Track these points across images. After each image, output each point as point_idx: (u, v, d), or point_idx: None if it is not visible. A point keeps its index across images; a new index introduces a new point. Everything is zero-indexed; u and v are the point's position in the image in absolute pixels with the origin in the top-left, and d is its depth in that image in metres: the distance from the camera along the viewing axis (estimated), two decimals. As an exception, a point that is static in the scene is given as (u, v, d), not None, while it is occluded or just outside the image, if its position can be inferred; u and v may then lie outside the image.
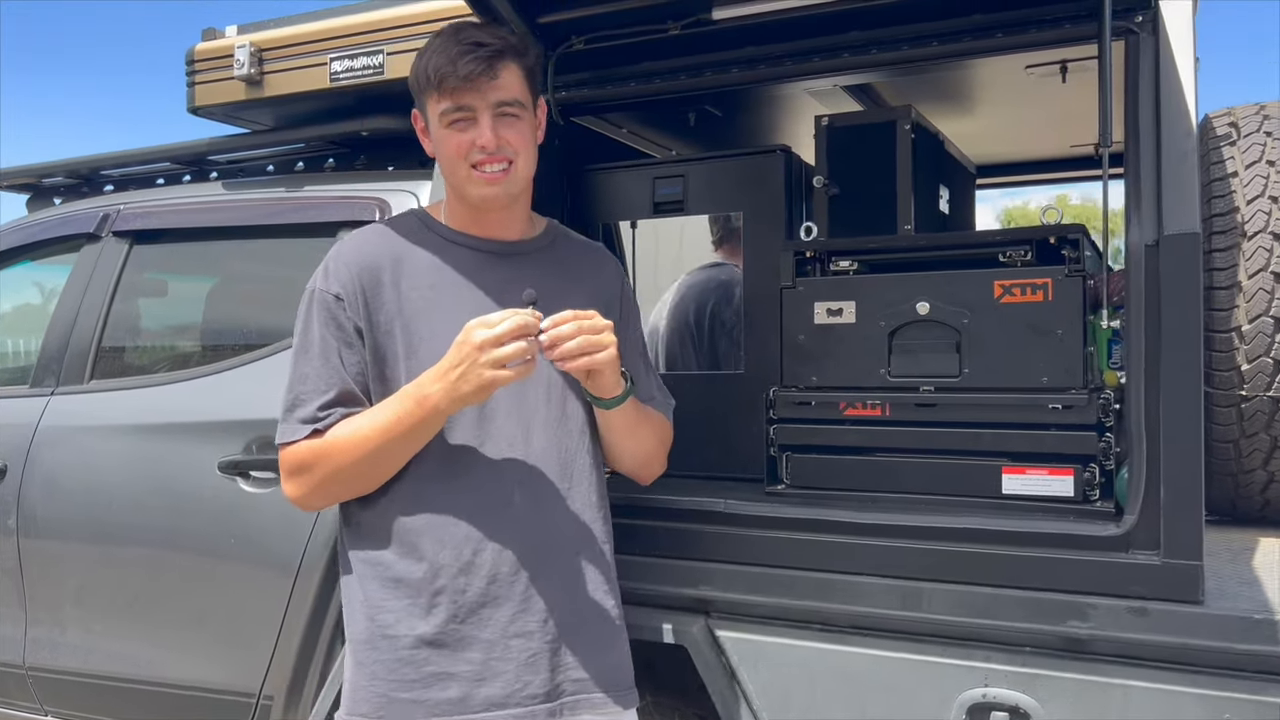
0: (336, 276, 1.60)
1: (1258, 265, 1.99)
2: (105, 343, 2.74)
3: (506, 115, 1.59)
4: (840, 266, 1.96)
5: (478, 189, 1.60)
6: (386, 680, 1.55)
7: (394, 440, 1.52)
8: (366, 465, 1.54)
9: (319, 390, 1.57)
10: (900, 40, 1.94)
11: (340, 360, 1.58)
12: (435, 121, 1.60)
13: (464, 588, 1.56)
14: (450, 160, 1.61)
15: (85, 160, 3.13)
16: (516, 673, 1.56)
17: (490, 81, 1.56)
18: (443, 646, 1.55)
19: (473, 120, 1.57)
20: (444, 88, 1.55)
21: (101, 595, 2.58)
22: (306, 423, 1.56)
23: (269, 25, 2.66)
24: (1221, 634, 1.53)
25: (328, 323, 1.59)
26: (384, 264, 1.61)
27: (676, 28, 2.03)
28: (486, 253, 1.67)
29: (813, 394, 1.95)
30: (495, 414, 1.60)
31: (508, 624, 1.56)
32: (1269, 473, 2.09)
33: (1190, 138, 1.64)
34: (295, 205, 2.61)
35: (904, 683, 1.70)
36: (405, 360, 1.58)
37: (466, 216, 1.68)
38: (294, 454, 1.58)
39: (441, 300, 1.61)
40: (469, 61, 1.53)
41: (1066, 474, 1.75)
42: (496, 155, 1.58)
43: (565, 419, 1.65)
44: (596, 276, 1.77)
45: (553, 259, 1.73)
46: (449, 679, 1.54)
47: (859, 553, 1.76)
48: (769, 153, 2.20)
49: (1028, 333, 1.77)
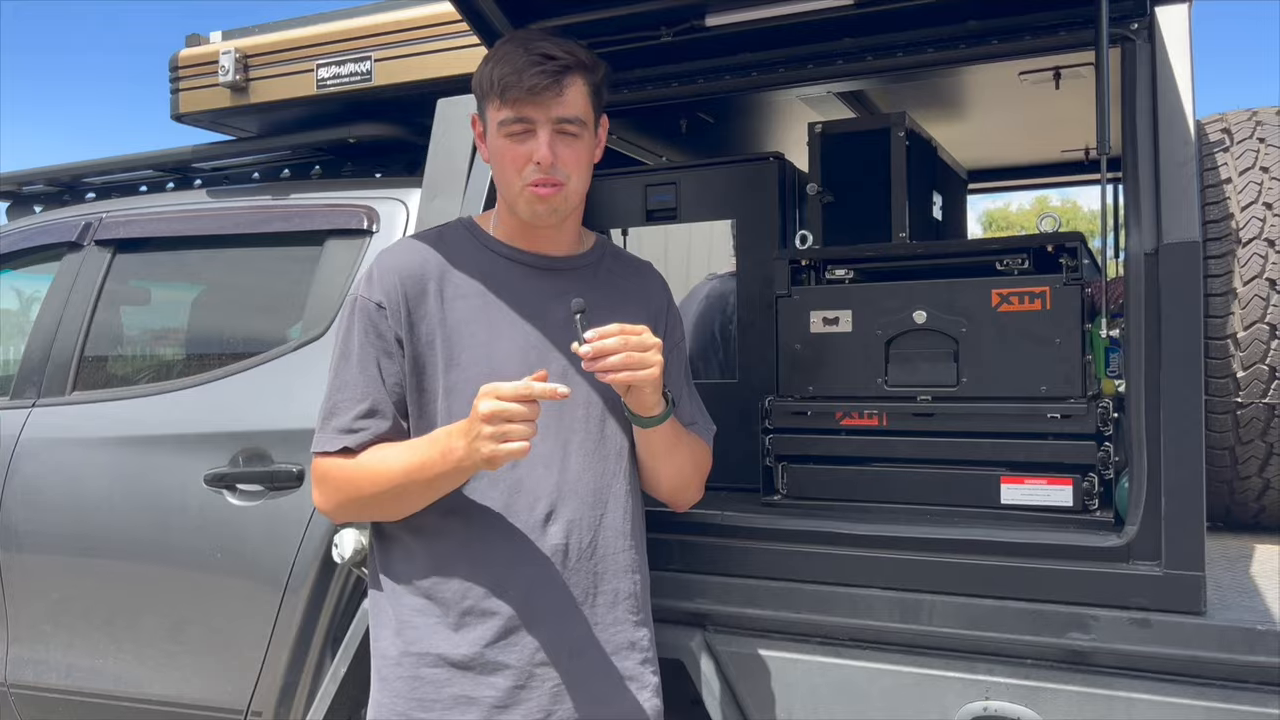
0: (380, 284, 1.57)
1: (1253, 272, 1.98)
2: (88, 353, 2.70)
3: (566, 133, 1.54)
4: (836, 275, 1.94)
5: (528, 206, 1.57)
6: (408, 699, 1.52)
7: (417, 484, 1.49)
8: (389, 499, 1.52)
9: (355, 399, 1.55)
10: (895, 47, 1.93)
11: (379, 370, 1.55)
12: (494, 130, 1.56)
13: (494, 610, 1.52)
14: (504, 172, 1.57)
15: (67, 168, 3.09)
16: (539, 702, 1.52)
17: (555, 97, 1.52)
18: (468, 669, 1.51)
19: (531, 133, 1.53)
20: (507, 97, 1.51)
21: (85, 611, 2.54)
22: (342, 433, 1.54)
23: (254, 31, 2.63)
24: (1225, 645, 1.51)
25: (368, 331, 1.56)
26: (429, 273, 1.58)
27: (669, 35, 2.01)
28: (533, 267, 1.63)
29: (809, 404, 1.94)
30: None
31: (535, 651, 1.53)
32: (1264, 479, 2.08)
33: (1189, 145, 1.63)
34: (281, 213, 2.58)
35: (905, 696, 1.68)
36: (445, 373, 1.55)
37: (515, 229, 1.64)
38: (325, 466, 1.57)
39: (485, 313, 1.58)
40: (535, 74, 1.49)
41: (1065, 484, 1.74)
42: (551, 174, 1.53)
43: (603, 442, 1.61)
44: (643, 295, 1.74)
45: (600, 276, 1.70)
46: (470, 703, 1.51)
47: (857, 565, 1.74)
48: (762, 160, 2.18)
49: (1026, 341, 1.76)
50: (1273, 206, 2.00)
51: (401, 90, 2.40)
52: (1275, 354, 1.96)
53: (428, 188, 2.23)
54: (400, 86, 2.41)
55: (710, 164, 2.29)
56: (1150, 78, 1.69)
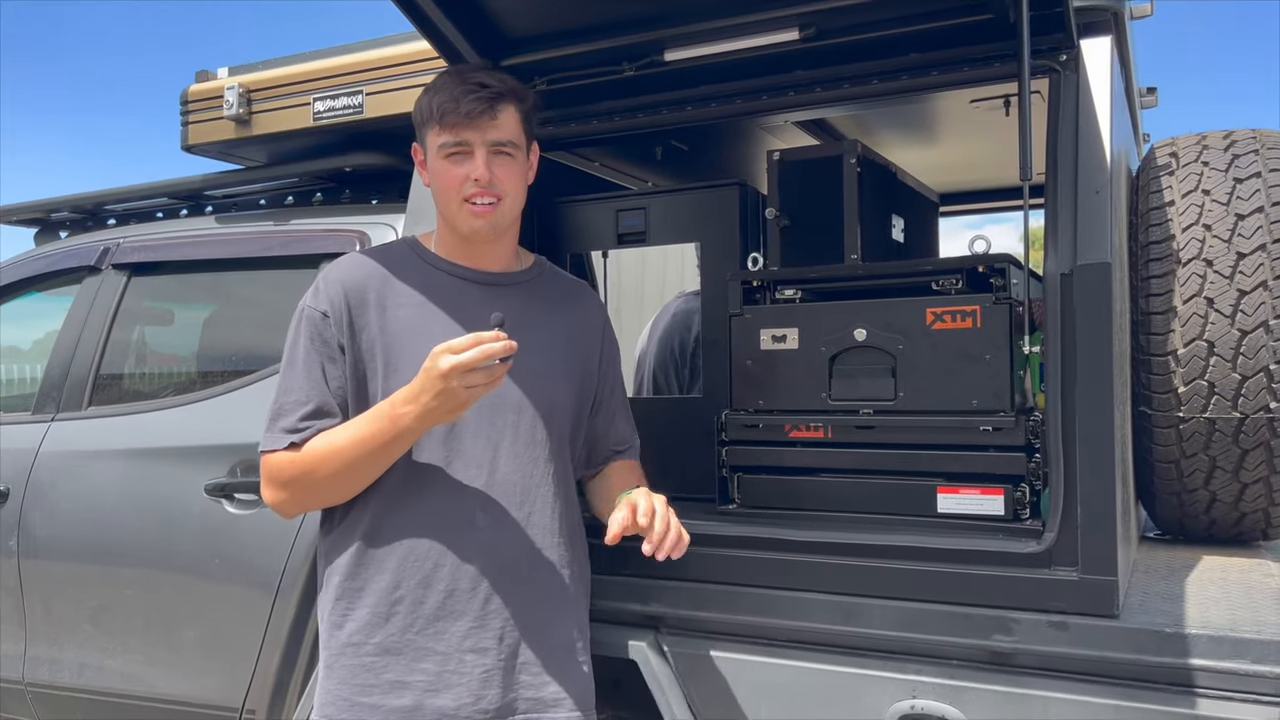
0: (325, 295, 1.71)
1: (1191, 291, 2.05)
2: (104, 370, 2.87)
3: (501, 154, 1.70)
4: (785, 295, 2.05)
5: (467, 221, 1.71)
6: (350, 685, 1.65)
7: (365, 455, 1.61)
8: (339, 477, 1.64)
9: (300, 402, 1.67)
10: (842, 79, 2.03)
11: (323, 374, 1.68)
12: (434, 154, 1.71)
13: (422, 599, 1.65)
14: (444, 191, 1.71)
15: (89, 196, 3.27)
16: (469, 687, 1.64)
17: (490, 121, 1.67)
18: (399, 654, 1.64)
19: (469, 155, 1.68)
20: (445, 122, 1.66)
21: (95, 613, 2.69)
22: (287, 432, 1.66)
23: (258, 67, 2.79)
24: (1136, 647, 1.59)
25: (313, 338, 1.69)
26: (371, 285, 1.71)
27: (632, 69, 2.13)
28: (471, 281, 1.77)
29: (760, 417, 2.04)
30: (464, 435, 1.68)
31: (462, 638, 1.65)
32: (1210, 492, 2.14)
33: (1104, 172, 1.72)
34: (282, 238, 2.73)
35: (840, 694, 1.77)
36: (384, 379, 1.67)
37: (455, 246, 1.77)
38: (274, 462, 1.68)
39: (424, 323, 1.70)
40: (471, 100, 1.65)
41: (997, 494, 1.82)
42: (488, 190, 1.68)
43: (533, 445, 1.73)
44: (579, 313, 1.87)
45: (536, 292, 1.83)
46: (404, 687, 1.63)
47: (800, 569, 1.83)
48: (725, 187, 2.29)
49: (958, 358, 1.85)
50: (1212, 228, 2.07)
51: (391, 122, 2.54)
52: (1213, 370, 2.03)
53: (411, 213, 2.37)
54: (389, 118, 2.54)
55: (677, 190, 2.41)
56: (1074, 108, 1.78)
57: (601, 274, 2.56)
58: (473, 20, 2.08)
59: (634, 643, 1.92)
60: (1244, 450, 2.05)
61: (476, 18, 2.07)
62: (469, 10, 2.05)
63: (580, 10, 2.07)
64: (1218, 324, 2.02)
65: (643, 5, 2.01)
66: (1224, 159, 2.13)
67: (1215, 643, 1.54)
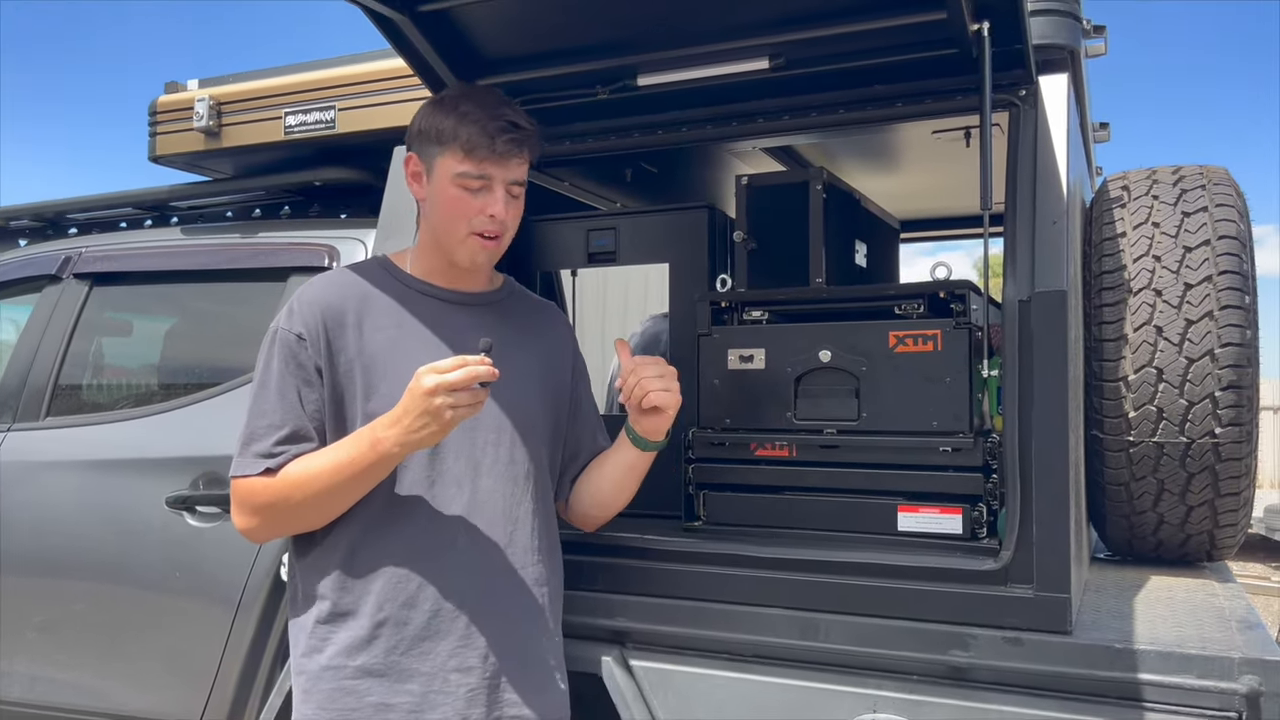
0: (301, 316, 1.67)
1: (1142, 319, 2.13)
2: (62, 381, 2.83)
3: (512, 194, 1.71)
4: (753, 316, 2.09)
5: (471, 254, 1.70)
6: (330, 710, 1.61)
7: (345, 480, 1.58)
8: (317, 503, 1.61)
9: (275, 426, 1.63)
10: (810, 108, 2.09)
11: (298, 398, 1.64)
12: (445, 177, 1.67)
13: (406, 620, 1.62)
14: (451, 219, 1.69)
15: (50, 204, 3.25)
16: (454, 706, 1.62)
17: (516, 161, 1.68)
18: (383, 676, 1.61)
19: (487, 189, 1.67)
20: (474, 155, 1.64)
21: (50, 626, 2.65)
22: (261, 457, 1.63)
23: (228, 80, 2.80)
24: (1088, 662, 1.64)
25: (288, 361, 1.65)
26: (349, 307, 1.69)
27: (605, 93, 2.17)
28: (448, 301, 1.76)
29: (727, 435, 2.07)
30: (445, 455, 1.67)
31: (447, 658, 1.63)
32: (1158, 514, 2.22)
33: (1061, 203, 1.79)
34: (249, 251, 2.73)
35: (802, 708, 1.80)
36: (363, 402, 1.65)
37: (435, 268, 1.76)
38: (246, 487, 1.64)
39: (402, 344, 1.68)
40: (507, 141, 1.64)
41: (956, 513, 1.87)
42: (499, 227, 1.69)
43: (513, 464, 1.73)
44: (550, 332, 1.89)
45: (508, 313, 1.84)
46: (388, 709, 1.60)
47: (764, 586, 1.86)
48: (694, 209, 2.34)
49: (919, 380, 1.90)
50: (1161, 259, 2.15)
51: (363, 137, 2.56)
52: (1162, 395, 2.11)
53: (383, 228, 2.38)
54: (361, 134, 2.57)
55: (647, 211, 2.45)
56: (1032, 141, 1.85)
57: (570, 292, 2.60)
58: (449, 40, 2.11)
59: (599, 657, 1.94)
60: (1190, 474, 2.13)
61: (452, 37, 2.11)
62: (445, 29, 2.08)
63: (555, 34, 2.11)
64: (1166, 351, 2.09)
65: (617, 31, 2.05)
66: (1173, 193, 2.22)
67: (1163, 658, 1.60)
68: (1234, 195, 2.22)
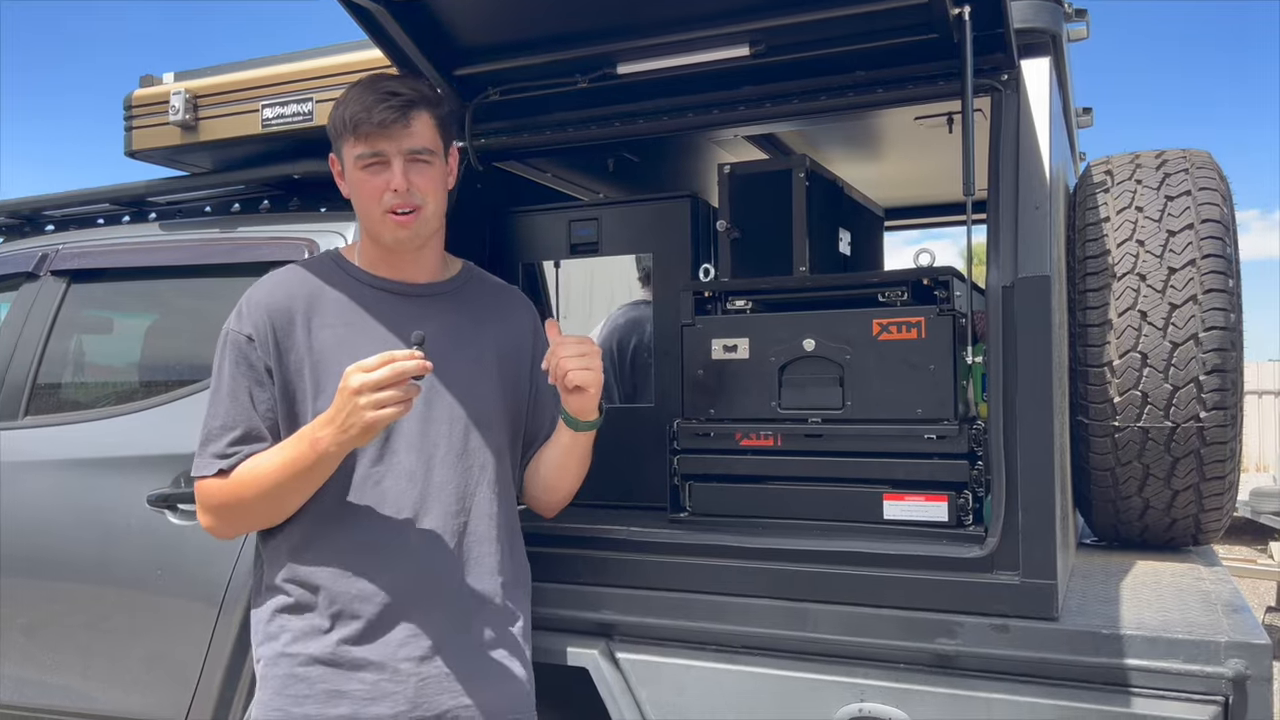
0: (249, 318, 1.70)
1: (1126, 304, 2.13)
2: (41, 380, 2.80)
3: (418, 162, 1.69)
4: (736, 306, 2.08)
5: (391, 233, 1.71)
6: (284, 696, 1.64)
7: (290, 480, 1.61)
8: (268, 501, 1.64)
9: (228, 427, 1.67)
10: (790, 95, 2.07)
11: (250, 399, 1.67)
12: (351, 165, 1.71)
13: (357, 612, 1.65)
14: (364, 203, 1.71)
15: (27, 201, 3.19)
16: (406, 695, 1.65)
17: (404, 129, 1.67)
18: (336, 666, 1.64)
19: (386, 165, 1.68)
20: (359, 133, 1.66)
21: (33, 627, 2.62)
22: (216, 458, 1.67)
23: (205, 73, 2.75)
24: (1074, 648, 1.64)
25: (239, 362, 1.68)
26: (296, 305, 1.70)
27: (585, 81, 2.15)
28: (397, 294, 1.76)
29: (711, 425, 2.06)
30: (398, 448, 1.69)
31: (399, 648, 1.65)
32: (1144, 499, 2.21)
33: (1044, 188, 1.78)
34: (228, 246, 2.70)
35: (789, 699, 1.79)
36: (313, 400, 1.67)
37: (379, 258, 1.77)
38: (205, 488, 1.69)
39: (350, 340, 1.69)
40: (384, 110, 1.64)
41: (941, 500, 1.87)
42: (408, 199, 1.68)
43: (466, 454, 1.74)
44: (508, 318, 1.88)
45: (463, 301, 1.83)
46: (340, 697, 1.63)
47: (750, 576, 1.85)
48: (677, 199, 2.32)
49: (903, 368, 1.89)
50: (1145, 243, 2.15)
51: (342, 130, 2.52)
52: (1147, 380, 2.10)
53: (361, 222, 2.36)
54: (340, 126, 2.53)
55: (629, 201, 2.43)
56: (1015, 126, 1.84)
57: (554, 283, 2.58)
58: (426, 29, 2.08)
59: (585, 651, 1.93)
60: (1175, 458, 2.13)
61: (430, 27, 2.08)
62: (423, 19, 2.06)
63: (534, 22, 2.08)
64: (1151, 336, 2.09)
65: (596, 19, 2.03)
66: (1156, 177, 2.22)
67: (1149, 643, 1.60)
68: (1217, 179, 2.21)
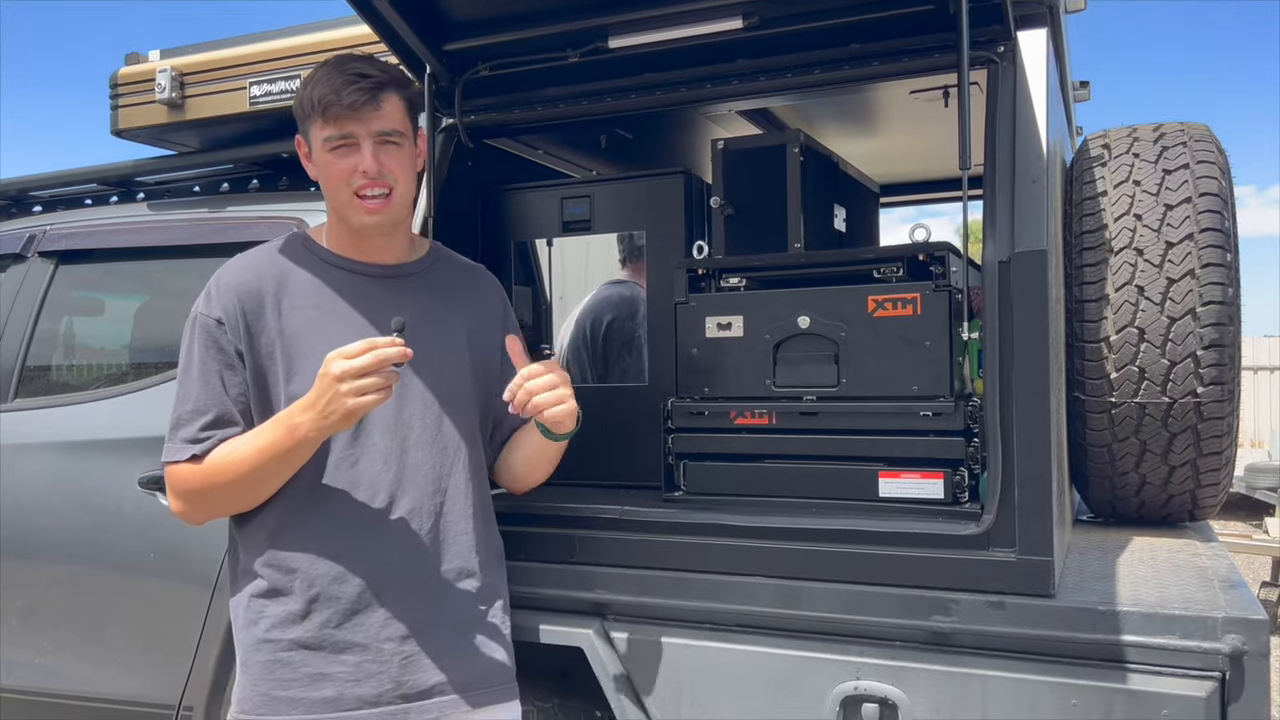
0: (218, 301, 1.67)
1: (1123, 279, 2.11)
2: (30, 361, 2.78)
3: (388, 143, 1.67)
4: (730, 283, 2.06)
5: (359, 216, 1.69)
6: (267, 680, 1.64)
7: (267, 465, 1.59)
8: (243, 487, 1.62)
9: (199, 411, 1.65)
10: (784, 68, 2.05)
11: (221, 382, 1.65)
12: (318, 147, 1.68)
13: (337, 595, 1.64)
14: (333, 185, 1.68)
15: (13, 181, 3.17)
16: (390, 674, 1.65)
17: (374, 111, 1.64)
18: (319, 649, 1.64)
19: (355, 147, 1.65)
20: (328, 115, 1.63)
21: (25, 610, 2.61)
22: (188, 443, 1.64)
23: (190, 50, 2.72)
24: (1071, 625, 1.63)
25: (209, 346, 1.66)
26: (266, 288, 1.68)
27: (576, 56, 2.13)
28: (366, 276, 1.75)
29: (706, 404, 2.04)
30: (372, 430, 1.68)
31: (380, 628, 1.65)
32: (1140, 475, 2.20)
33: (1041, 162, 1.75)
34: (217, 225, 2.67)
35: (785, 678, 1.79)
36: (285, 384, 1.65)
37: (347, 240, 1.75)
38: (177, 473, 1.66)
39: (321, 323, 1.68)
40: (353, 91, 1.62)
41: (937, 477, 1.85)
42: (377, 181, 1.66)
43: (440, 435, 1.73)
44: (476, 297, 1.87)
45: (432, 282, 1.82)
46: (324, 679, 1.63)
47: (745, 555, 1.84)
48: (670, 175, 2.30)
49: (899, 344, 1.87)
50: (1142, 218, 2.13)
51: (330, 107, 2.49)
52: (1144, 356, 2.09)
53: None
54: (329, 104, 2.49)
55: (622, 179, 2.40)
56: (1011, 98, 1.82)
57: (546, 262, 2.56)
58: (414, 4, 2.06)
59: (580, 630, 1.92)
60: (1172, 434, 2.11)
61: (418, 1, 2.05)
62: (410, -7, 2.03)
63: (524, -5, 2.05)
64: (1148, 311, 2.07)
65: (586, -9, 2.00)
66: (1153, 151, 2.19)
67: (1146, 619, 1.59)
68: (1215, 152, 2.19)
